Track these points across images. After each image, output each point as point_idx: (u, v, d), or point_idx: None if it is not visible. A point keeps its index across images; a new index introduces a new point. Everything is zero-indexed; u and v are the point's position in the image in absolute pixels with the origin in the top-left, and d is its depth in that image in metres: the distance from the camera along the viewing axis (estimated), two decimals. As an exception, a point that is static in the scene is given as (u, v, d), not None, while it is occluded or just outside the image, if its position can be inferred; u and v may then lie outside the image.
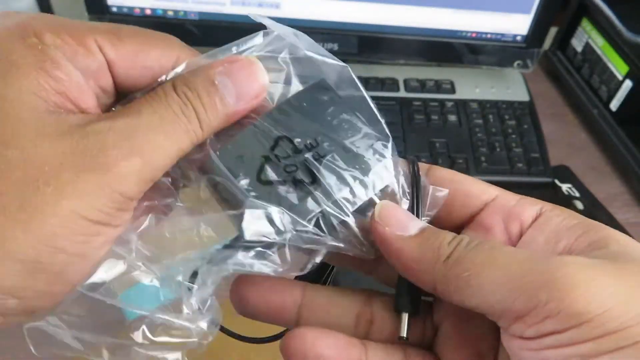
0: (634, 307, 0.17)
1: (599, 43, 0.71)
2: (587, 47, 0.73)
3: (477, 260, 0.19)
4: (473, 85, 0.71)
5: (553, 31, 0.78)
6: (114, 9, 0.63)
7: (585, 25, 0.73)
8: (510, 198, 0.23)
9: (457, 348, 0.24)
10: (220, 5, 0.63)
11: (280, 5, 0.62)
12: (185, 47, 0.23)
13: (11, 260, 0.17)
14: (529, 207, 0.22)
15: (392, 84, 0.69)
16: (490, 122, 0.66)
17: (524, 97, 0.70)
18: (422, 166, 0.24)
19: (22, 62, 0.18)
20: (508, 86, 0.71)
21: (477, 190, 0.23)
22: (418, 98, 0.68)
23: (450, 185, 0.23)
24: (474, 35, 0.66)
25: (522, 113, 0.68)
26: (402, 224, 0.22)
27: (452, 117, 0.66)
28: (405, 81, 0.70)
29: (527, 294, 0.18)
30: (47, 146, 0.18)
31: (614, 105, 0.68)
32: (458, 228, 0.24)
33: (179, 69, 0.22)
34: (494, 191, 0.23)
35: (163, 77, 0.22)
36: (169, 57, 0.22)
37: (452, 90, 0.70)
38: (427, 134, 0.65)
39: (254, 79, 0.22)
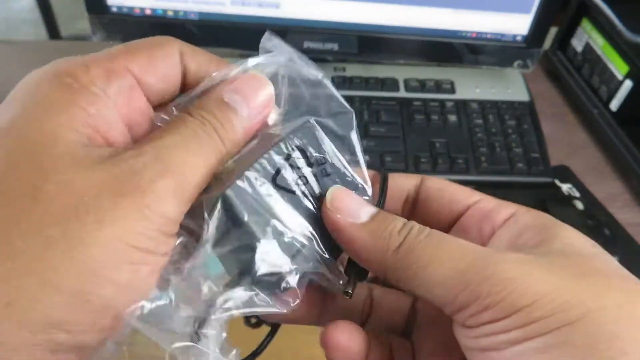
0: (557, 298, 0.18)
1: (599, 43, 0.71)
2: (587, 47, 0.73)
3: (424, 254, 0.21)
4: (473, 85, 0.71)
5: (553, 31, 0.78)
6: (114, 9, 0.63)
7: (586, 25, 0.73)
8: (489, 202, 0.25)
9: (428, 337, 0.26)
10: (220, 5, 0.63)
11: (280, 5, 0.62)
12: (178, 40, 0.24)
13: (57, 292, 0.17)
14: (504, 210, 0.24)
15: (392, 84, 0.69)
16: (490, 122, 0.66)
17: (524, 97, 0.70)
18: (415, 177, 0.26)
19: (59, 100, 0.19)
20: (508, 86, 0.71)
21: (462, 195, 0.25)
22: (418, 98, 0.68)
23: (439, 192, 0.25)
24: (474, 35, 0.66)
25: (522, 113, 0.68)
26: (353, 211, 0.22)
27: (452, 117, 0.66)
28: (405, 81, 0.70)
29: (469, 288, 0.19)
30: (83, 176, 0.18)
31: (614, 105, 0.68)
32: (447, 230, 0.26)
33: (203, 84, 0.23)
34: (477, 196, 0.25)
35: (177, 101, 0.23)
36: (174, 54, 0.23)
37: (452, 90, 0.70)
38: (427, 134, 0.65)
39: (260, 88, 0.23)
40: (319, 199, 0.23)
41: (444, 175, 0.61)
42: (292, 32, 0.64)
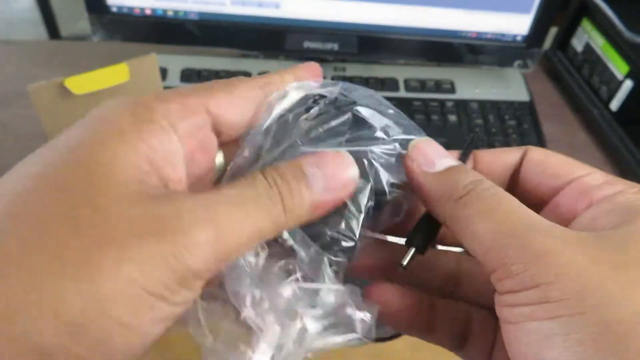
0: (579, 280, 0.18)
1: (599, 43, 0.71)
2: (587, 47, 0.73)
3: (478, 209, 0.21)
4: (473, 85, 0.71)
5: (553, 31, 0.78)
6: (114, 9, 0.63)
7: (586, 25, 0.73)
8: (597, 178, 0.23)
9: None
10: (220, 5, 0.63)
11: (280, 5, 0.62)
12: (262, 81, 0.24)
13: (56, 319, 0.17)
14: (609, 187, 0.22)
15: (392, 84, 0.69)
16: (490, 122, 0.66)
17: (524, 97, 0.70)
18: (519, 149, 0.25)
19: (124, 129, 0.19)
20: (508, 86, 0.71)
21: (565, 169, 0.24)
22: (418, 98, 0.68)
23: (541, 165, 0.24)
24: (474, 35, 0.66)
25: (522, 113, 0.68)
26: (429, 160, 0.23)
27: (452, 117, 0.66)
28: (405, 81, 0.70)
29: (503, 250, 0.19)
30: (121, 209, 0.18)
31: (614, 105, 0.68)
32: (545, 205, 0.25)
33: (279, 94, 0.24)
34: (583, 171, 0.23)
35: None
36: (253, 93, 0.23)
37: (452, 90, 0.70)
38: (427, 134, 0.64)
39: (343, 170, 0.22)
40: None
41: (444, 175, 0.61)
42: (292, 32, 0.64)
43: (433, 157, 0.24)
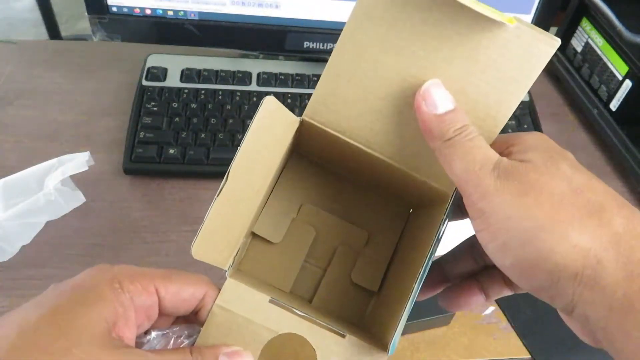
0: (507, 214, 0.25)
1: (598, 43, 0.71)
2: (587, 47, 0.73)
3: (457, 151, 0.27)
4: (473, 85, 0.71)
5: (553, 31, 0.78)
6: (114, 9, 0.63)
7: (585, 25, 0.73)
8: None
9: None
10: (220, 5, 0.63)
11: (280, 5, 0.63)
12: (211, 284, 0.30)
13: None
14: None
15: (392, 84, 0.69)
16: (490, 122, 0.66)
17: (524, 97, 0.70)
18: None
19: (106, 297, 0.26)
20: (508, 86, 0.71)
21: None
22: (418, 98, 0.68)
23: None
24: (473, 35, 0.66)
25: (522, 113, 0.68)
26: (434, 103, 0.28)
27: (452, 117, 0.66)
28: (405, 81, 0.70)
29: (468, 183, 0.27)
30: (92, 353, 0.24)
31: (614, 105, 0.68)
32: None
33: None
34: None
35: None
36: (200, 293, 0.30)
37: (452, 90, 0.70)
38: (427, 134, 0.64)
39: None
40: None
41: (443, 175, 0.61)
42: (292, 32, 0.64)
43: (437, 100, 0.28)
